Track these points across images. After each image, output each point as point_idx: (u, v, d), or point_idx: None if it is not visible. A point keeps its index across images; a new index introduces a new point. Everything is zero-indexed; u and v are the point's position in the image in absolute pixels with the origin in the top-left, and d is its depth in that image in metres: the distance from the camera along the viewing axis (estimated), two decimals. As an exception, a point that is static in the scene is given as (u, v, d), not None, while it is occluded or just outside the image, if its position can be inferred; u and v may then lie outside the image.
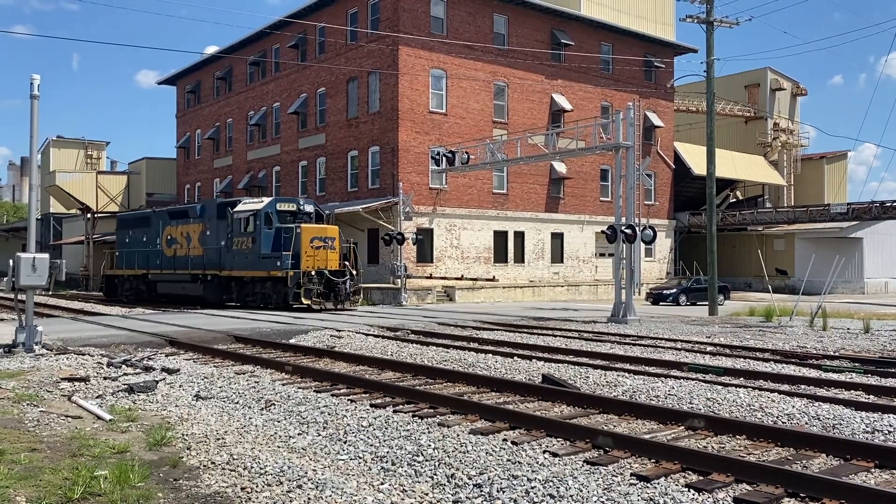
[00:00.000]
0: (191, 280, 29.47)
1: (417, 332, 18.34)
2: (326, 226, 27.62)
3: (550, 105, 40.17)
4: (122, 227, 35.79)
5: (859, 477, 6.13)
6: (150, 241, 32.63)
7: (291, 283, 25.10)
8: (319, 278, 25.49)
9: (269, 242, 26.17)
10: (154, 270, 32.03)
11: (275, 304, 26.03)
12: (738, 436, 7.43)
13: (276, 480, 5.87)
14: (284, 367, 11.98)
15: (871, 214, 40.88)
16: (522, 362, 12.66)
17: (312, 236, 25.83)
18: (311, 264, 25.49)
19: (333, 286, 25.74)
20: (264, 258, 26.07)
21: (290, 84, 42.61)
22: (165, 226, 31.81)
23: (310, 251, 25.61)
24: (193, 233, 29.91)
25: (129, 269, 33.86)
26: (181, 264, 30.21)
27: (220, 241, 28.21)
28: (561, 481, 5.69)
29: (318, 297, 25.41)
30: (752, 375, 11.34)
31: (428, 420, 8.19)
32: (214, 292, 28.49)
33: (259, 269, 26.39)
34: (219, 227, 28.36)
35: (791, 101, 57.53)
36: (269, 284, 26.19)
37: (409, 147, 34.88)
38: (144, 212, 35.71)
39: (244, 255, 26.96)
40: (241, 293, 27.65)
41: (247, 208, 27.36)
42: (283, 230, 25.99)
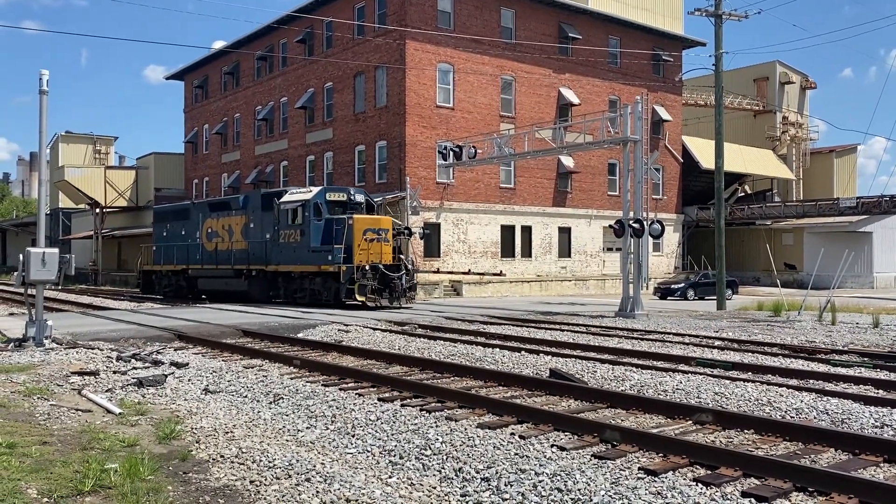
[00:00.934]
0: (234, 276, 27.95)
1: (425, 327, 18.36)
2: (379, 216, 25.96)
3: (558, 99, 40.06)
4: (159, 221, 34.22)
5: (868, 472, 6.11)
6: (190, 235, 31.07)
7: (344, 279, 23.42)
8: (374, 273, 23.67)
9: (318, 235, 24.57)
10: (194, 266, 30.51)
11: (325, 301, 24.36)
12: (746, 430, 7.42)
13: (285, 474, 5.90)
14: (292, 362, 12.02)
15: (881, 209, 40.63)
16: (530, 357, 12.66)
17: (365, 228, 24.07)
18: (364, 258, 23.79)
19: (388, 281, 23.99)
20: (314, 252, 24.53)
21: (298, 79, 42.63)
22: (205, 218, 30.22)
23: (363, 244, 23.89)
24: (236, 225, 28.36)
25: (167, 265, 32.36)
26: (223, 259, 28.75)
27: (266, 233, 26.60)
28: (569, 475, 5.70)
29: (373, 293, 23.59)
30: (760, 370, 11.31)
31: (436, 414, 8.21)
32: (260, 288, 27.01)
33: (308, 263, 24.75)
34: (263, 219, 26.83)
35: (800, 95, 57.19)
36: (318, 280, 24.60)
37: (416, 142, 34.86)
38: (183, 204, 34.39)
39: (292, 248, 25.38)
40: (288, 289, 26.06)
41: (294, 198, 25.61)
42: (334, 221, 24.39)
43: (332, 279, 23.98)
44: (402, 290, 24.31)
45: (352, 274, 23.38)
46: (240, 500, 5.36)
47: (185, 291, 31.18)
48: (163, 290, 32.65)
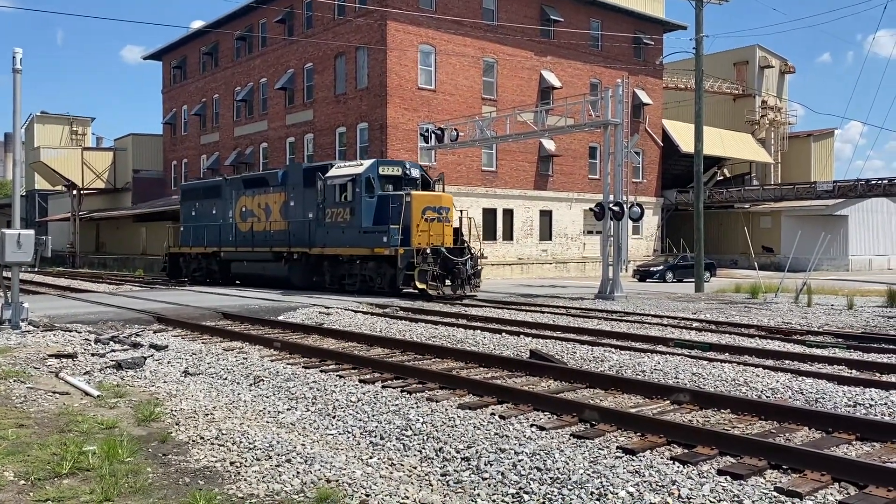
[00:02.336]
0: (273, 259, 25.29)
1: (406, 309, 18.38)
2: (440, 193, 23.13)
3: (540, 82, 40.00)
4: (187, 199, 31.11)
5: (841, 449, 6.23)
6: (222, 214, 28.32)
7: (402, 264, 20.76)
8: (435, 257, 21.00)
9: (370, 214, 21.95)
10: (227, 248, 27.75)
11: (378, 288, 21.88)
12: (722, 410, 7.52)
13: (266, 455, 5.91)
14: (273, 344, 12.00)
15: (857, 192, 41.13)
16: (510, 338, 12.73)
17: (425, 206, 21.35)
18: (424, 240, 21.12)
19: (451, 267, 21.28)
20: (366, 233, 21.87)
21: (277, 59, 42.19)
22: (239, 196, 27.51)
23: (422, 224, 21.20)
24: (274, 203, 25.70)
25: (196, 247, 29.54)
26: (260, 241, 26.05)
27: (308, 212, 23.92)
28: (548, 454, 5.76)
29: (434, 280, 20.92)
30: (737, 351, 11.46)
31: (416, 395, 8.25)
32: (302, 274, 24.33)
33: (359, 245, 22.06)
34: (305, 197, 24.12)
35: (779, 79, 57.54)
36: (371, 265, 21.98)
37: (397, 124, 34.69)
38: (213, 180, 31.37)
39: (339, 229, 22.65)
40: (335, 274, 23.37)
41: (342, 173, 22.88)
42: (389, 199, 21.71)
43: (387, 264, 21.43)
44: (466, 277, 21.58)
45: (410, 258, 20.72)
46: (220, 481, 5.36)
47: (217, 276, 28.55)
48: (191, 273, 29.97)
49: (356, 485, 5.25)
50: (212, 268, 28.76)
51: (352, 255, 22.48)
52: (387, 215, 21.38)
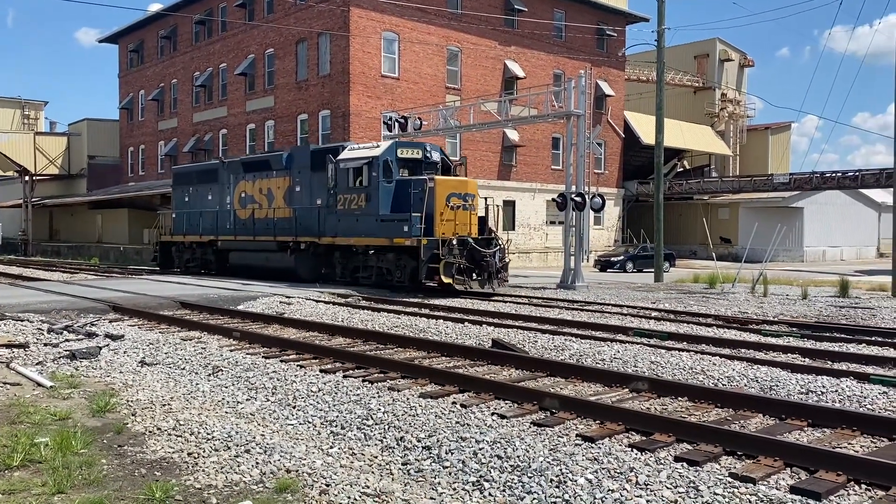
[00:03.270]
0: (277, 249, 23.40)
1: (369, 299, 18.31)
2: (465, 178, 21.52)
3: (503, 72, 40.04)
4: (179, 184, 28.78)
5: (793, 435, 6.38)
6: (218, 200, 26.23)
7: (425, 256, 18.79)
8: (461, 248, 19.08)
9: (388, 200, 20.02)
10: (225, 237, 25.70)
11: (397, 282, 19.99)
12: (680, 398, 7.65)
13: (224, 445, 5.84)
14: (232, 334, 11.85)
15: (812, 185, 42.09)
16: (473, 327, 12.77)
17: (449, 192, 19.51)
18: (448, 230, 19.31)
19: (479, 259, 19.30)
20: (384, 221, 19.92)
21: (238, 44, 41.51)
22: (238, 180, 25.43)
23: (447, 212, 19.37)
24: (277, 189, 23.69)
25: (190, 235, 27.41)
26: (262, 229, 24.07)
27: (316, 198, 22.01)
28: (508, 442, 5.79)
29: (461, 273, 18.99)
30: (694, 340, 11.66)
31: (378, 385, 8.22)
32: (310, 265, 22.54)
33: (377, 235, 20.08)
34: (313, 181, 22.15)
35: (738, 73, 58.51)
36: (390, 256, 20.10)
37: (360, 111, 34.44)
38: (209, 163, 29.01)
39: (353, 217, 20.68)
40: (347, 266, 21.53)
41: (357, 156, 20.82)
42: (411, 184, 19.69)
43: (407, 255, 19.55)
44: (495, 270, 19.54)
45: (434, 249, 18.79)
46: (177, 472, 5.29)
47: (213, 267, 26.61)
48: (184, 264, 27.97)
49: (316, 475, 5.22)
50: (207, 258, 26.88)
51: (367, 245, 20.51)
52: (407, 202, 19.48)
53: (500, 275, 19.79)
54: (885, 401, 7.43)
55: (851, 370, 8.93)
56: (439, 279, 18.65)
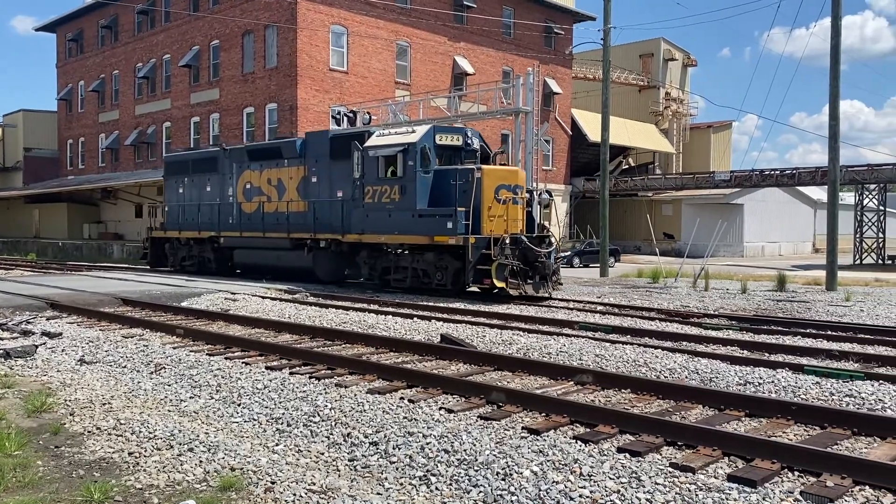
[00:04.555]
0: (291, 247, 21.03)
1: (316, 295, 18.15)
2: (514, 168, 19.39)
3: (453, 67, 40.10)
4: (172, 174, 26.14)
5: (731, 425, 6.57)
6: (219, 192, 23.80)
7: (473, 256, 16.64)
8: (514, 248, 16.90)
9: (426, 192, 17.82)
10: (229, 233, 23.20)
11: (438, 285, 17.71)
12: (623, 390, 7.80)
13: (167, 444, 5.73)
14: (175, 331, 11.62)
15: (752, 182, 43.31)
16: (422, 323, 12.78)
17: (498, 184, 17.34)
18: (497, 227, 17.17)
19: (533, 260, 17.10)
20: (422, 217, 17.67)
21: (182, 35, 40.59)
22: (242, 170, 23.05)
23: (495, 207, 17.23)
24: (289, 179, 21.40)
25: (187, 231, 24.79)
26: (273, 225, 21.76)
27: (336, 190, 19.90)
28: (455, 437, 5.82)
29: (515, 276, 16.81)
30: (638, 333, 11.89)
31: (325, 381, 8.17)
32: (330, 265, 20.41)
33: (413, 232, 17.80)
34: (333, 171, 20.01)
35: (682, 72, 59.80)
36: (429, 256, 17.80)
37: (308, 105, 34.07)
38: (207, 151, 26.14)
39: (384, 211, 18.40)
40: (375, 267, 19.24)
41: (390, 142, 18.43)
42: (456, 174, 17.38)
43: (450, 255, 17.39)
44: (550, 273, 17.44)
45: (484, 249, 16.73)
46: (117, 472, 5.17)
47: (212, 265, 24.07)
48: (180, 262, 25.47)
49: (261, 472, 5.17)
50: (205, 256, 24.36)
51: (402, 243, 18.22)
52: (448, 195, 17.35)
53: (553, 277, 17.66)
54: (818, 391, 7.70)
55: (787, 361, 9.24)
56: (491, 283, 16.59)
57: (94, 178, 46.63)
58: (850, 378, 8.11)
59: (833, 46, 20.66)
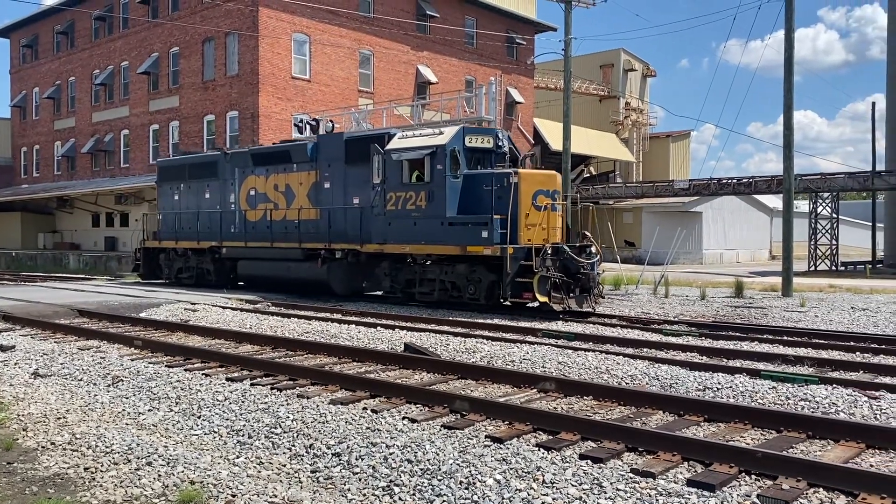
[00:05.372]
0: (303, 258, 19.55)
1: (278, 305, 17.98)
2: (551, 172, 17.67)
3: (416, 76, 40.17)
4: (166, 180, 24.38)
5: (691, 431, 6.67)
6: (220, 199, 22.30)
7: (512, 268, 15.31)
8: (555, 259, 15.47)
9: (455, 199, 16.53)
10: (231, 242, 21.69)
11: (470, 299, 16.38)
12: (585, 396, 7.87)
13: (124, 458, 5.62)
14: (134, 342, 11.41)
15: (710, 190, 44.08)
16: (386, 332, 12.74)
17: (536, 189, 15.99)
18: (535, 236, 15.80)
19: (575, 272, 15.64)
20: (452, 225, 16.35)
21: (141, 42, 40.00)
22: (245, 175, 21.57)
23: (533, 214, 15.91)
24: (300, 185, 20.02)
25: (185, 241, 23.18)
26: (281, 234, 20.34)
27: (352, 196, 18.64)
28: (419, 446, 5.81)
29: (558, 290, 15.30)
30: (600, 340, 12.02)
31: (287, 392, 8.09)
32: (346, 277, 19.08)
33: (443, 242, 16.41)
34: (348, 176, 18.73)
35: (641, 82, 60.75)
36: (461, 268, 16.48)
37: (270, 113, 33.81)
38: (206, 154, 24.53)
39: (409, 219, 17.04)
40: (397, 279, 17.91)
41: (414, 144, 17.14)
42: (491, 178, 16.06)
43: (483, 267, 16.10)
44: (593, 285, 16.03)
45: (523, 260, 15.37)
46: (73, 488, 5.06)
47: (212, 278, 22.43)
48: (176, 274, 23.71)
49: (221, 485, 5.10)
50: (204, 268, 22.73)
51: (430, 254, 16.94)
52: (479, 201, 16.17)
53: (596, 290, 16.20)
54: (775, 395, 7.86)
55: (744, 367, 9.42)
56: (532, 296, 15.29)
57: (49, 187, 45.58)
58: (805, 382, 8.30)
59: (787, 58, 21.20)
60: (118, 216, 42.94)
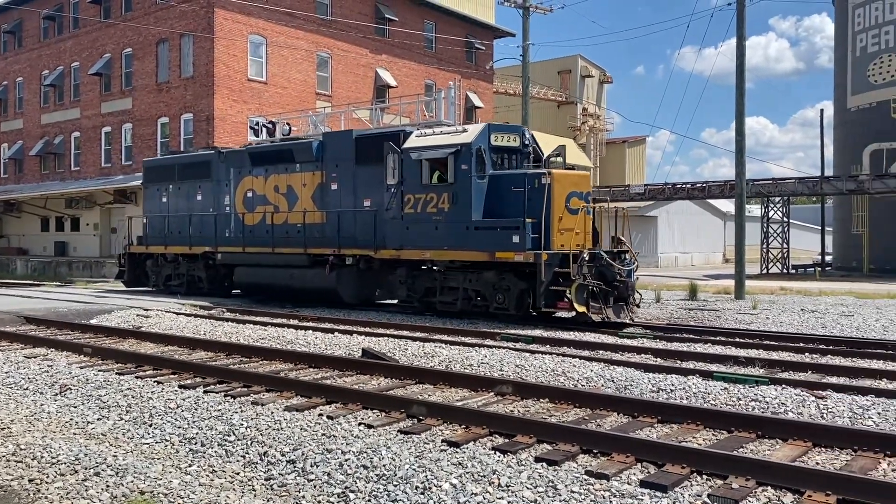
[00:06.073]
0: (308, 264, 18.31)
1: (234, 311, 17.73)
2: (585, 172, 16.97)
3: (375, 80, 40.07)
4: (153, 181, 22.96)
5: (644, 432, 6.76)
6: (213, 202, 20.99)
7: (546, 276, 14.31)
8: (591, 265, 14.58)
9: (481, 201, 15.44)
10: (228, 248, 20.26)
11: (499, 308, 15.24)
12: (542, 399, 7.92)
13: (71, 469, 5.47)
14: (83, 349, 11.13)
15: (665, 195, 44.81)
16: (343, 337, 12.65)
17: (570, 191, 14.97)
18: (568, 241, 14.73)
19: (611, 279, 14.69)
20: (479, 230, 15.28)
21: (92, 42, 39.14)
22: (241, 176, 20.28)
23: (566, 218, 14.87)
24: (303, 186, 18.79)
25: (175, 246, 21.69)
26: (283, 239, 19.03)
27: (363, 198, 17.50)
28: (375, 452, 5.78)
29: (595, 298, 14.41)
30: (557, 343, 12.12)
31: (241, 399, 7.98)
32: (357, 285, 17.90)
33: (468, 247, 15.33)
34: (358, 177, 17.62)
35: (598, 88, 61.59)
36: (488, 276, 15.39)
37: (225, 116, 33.36)
38: (198, 154, 22.87)
39: (430, 223, 15.89)
40: (415, 288, 16.75)
41: (437, 143, 15.94)
42: (520, 180, 15.01)
43: (513, 275, 15.04)
44: (630, 294, 15.07)
45: (558, 267, 14.42)
46: (16, 500, 4.91)
47: (206, 285, 21.02)
48: (164, 282, 22.21)
49: (173, 494, 5.00)
50: (196, 274, 21.31)
51: (452, 260, 15.80)
52: (507, 204, 15.14)
53: (633, 299, 15.19)
54: (726, 396, 8.01)
55: (698, 368, 9.58)
56: (569, 306, 14.31)
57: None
58: (755, 383, 8.47)
59: (738, 65, 21.68)
60: (69, 220, 41.91)
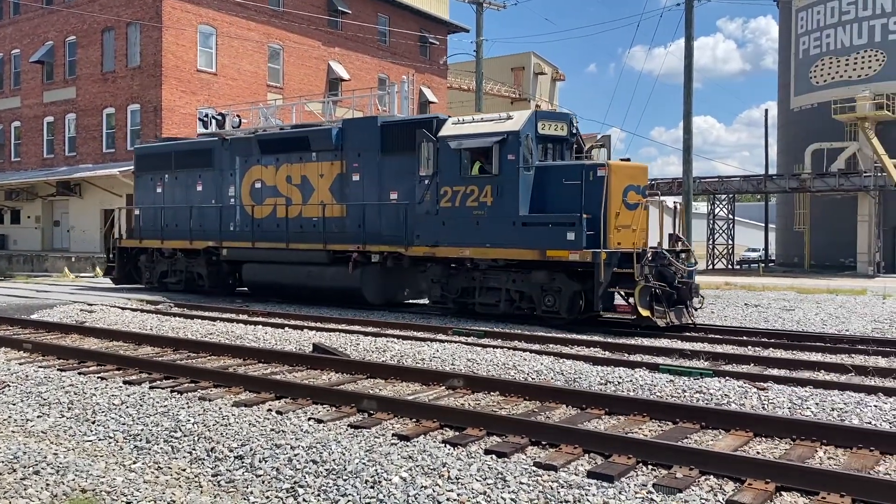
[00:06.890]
0: (328, 262, 16.82)
1: (181, 305, 17.39)
2: (643, 164, 15.08)
3: (328, 73, 39.72)
4: (146, 169, 21.27)
5: (592, 423, 6.86)
6: (215, 192, 19.42)
7: (605, 277, 13.06)
8: (654, 264, 13.24)
9: (528, 195, 14.15)
10: (234, 243, 18.74)
11: (548, 311, 13.89)
12: (492, 392, 7.98)
13: (8, 468, 5.30)
14: (22, 345, 10.80)
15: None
16: (294, 332, 12.53)
17: (627, 184, 13.71)
18: (625, 239, 13.61)
19: (672, 280, 13.40)
20: (527, 225, 13.97)
21: (33, 29, 37.90)
22: (249, 165, 18.75)
23: (623, 214, 13.65)
24: (320, 177, 17.33)
25: (173, 240, 19.99)
26: (296, 234, 17.58)
27: (389, 191, 16.12)
28: (324, 447, 5.75)
29: (658, 301, 13.12)
30: (508, 337, 12.21)
31: (188, 395, 7.84)
32: (384, 285, 16.65)
33: (516, 244, 13.98)
34: (384, 167, 16.22)
35: (551, 85, 62.16)
36: (538, 276, 13.95)
37: (173, 107, 32.67)
38: (199, 140, 21.12)
39: (470, 218, 14.59)
40: (450, 288, 15.32)
41: (479, 130, 14.58)
42: (574, 172, 13.81)
43: (564, 275, 13.72)
44: (692, 296, 13.82)
45: (618, 266, 13.23)
46: (-51, 502, 4.73)
47: (207, 283, 19.55)
48: (159, 279, 20.65)
49: (116, 492, 4.90)
50: (195, 270, 19.73)
51: (496, 258, 14.44)
52: (557, 198, 13.94)
53: (694, 301, 13.95)
54: (672, 388, 8.19)
55: (644, 361, 9.78)
56: (631, 309, 13.23)
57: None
58: (700, 375, 8.68)
59: (686, 65, 22.14)
60: (9, 213, 40.56)
